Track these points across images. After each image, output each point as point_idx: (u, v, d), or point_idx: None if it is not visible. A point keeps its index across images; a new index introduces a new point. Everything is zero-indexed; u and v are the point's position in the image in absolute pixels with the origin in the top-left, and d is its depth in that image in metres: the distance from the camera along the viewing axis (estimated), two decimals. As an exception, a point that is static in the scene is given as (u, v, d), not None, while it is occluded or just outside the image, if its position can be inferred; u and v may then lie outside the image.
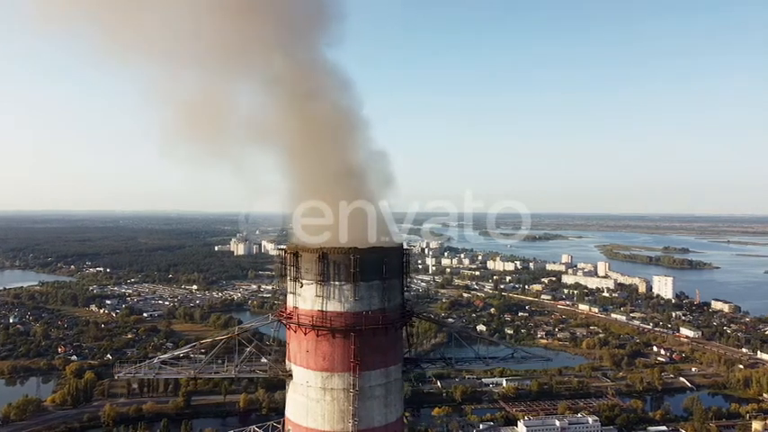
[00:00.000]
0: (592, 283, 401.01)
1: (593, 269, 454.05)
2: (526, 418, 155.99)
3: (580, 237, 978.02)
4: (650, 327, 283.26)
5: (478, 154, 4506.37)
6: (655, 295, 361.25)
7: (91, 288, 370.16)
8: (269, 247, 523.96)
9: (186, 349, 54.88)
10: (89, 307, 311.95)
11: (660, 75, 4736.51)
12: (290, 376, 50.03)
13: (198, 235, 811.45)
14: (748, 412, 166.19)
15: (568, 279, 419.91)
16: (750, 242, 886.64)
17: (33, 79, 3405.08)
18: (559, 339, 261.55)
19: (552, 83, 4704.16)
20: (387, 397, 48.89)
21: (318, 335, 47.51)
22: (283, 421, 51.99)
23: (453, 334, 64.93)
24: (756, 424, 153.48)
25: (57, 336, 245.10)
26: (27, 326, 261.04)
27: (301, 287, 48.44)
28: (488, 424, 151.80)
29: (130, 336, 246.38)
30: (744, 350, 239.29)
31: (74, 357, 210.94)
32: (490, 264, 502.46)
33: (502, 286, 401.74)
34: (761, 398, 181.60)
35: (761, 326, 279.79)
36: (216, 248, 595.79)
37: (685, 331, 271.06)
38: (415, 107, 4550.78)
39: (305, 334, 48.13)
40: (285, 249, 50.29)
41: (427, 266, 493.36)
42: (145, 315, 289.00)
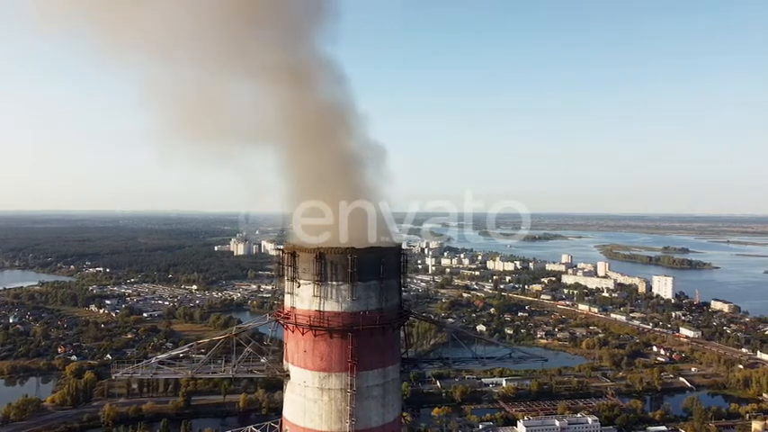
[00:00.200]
0: (591, 283, 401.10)
1: (592, 269, 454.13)
2: (526, 418, 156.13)
3: (580, 237, 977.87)
4: (650, 327, 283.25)
5: (478, 154, 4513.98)
6: (654, 295, 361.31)
7: (91, 288, 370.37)
8: (269, 247, 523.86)
9: (183, 349, 54.81)
10: (89, 307, 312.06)
11: (660, 75, 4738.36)
12: (288, 376, 49.96)
13: (198, 235, 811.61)
14: (748, 412, 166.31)
15: (568, 279, 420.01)
16: (750, 242, 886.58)
17: (33, 79, 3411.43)
18: (559, 339, 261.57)
19: (552, 83, 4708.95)
20: (384, 397, 48.84)
21: (316, 335, 47.46)
22: (281, 421, 51.99)
23: (451, 334, 64.86)
24: (756, 424, 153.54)
25: (56, 336, 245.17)
26: (27, 326, 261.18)
27: (299, 287, 48.39)
28: (488, 424, 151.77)
29: (130, 336, 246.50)
30: (743, 350, 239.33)
31: (73, 357, 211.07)
32: (490, 264, 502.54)
33: (502, 286, 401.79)
34: (760, 398, 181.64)
35: (760, 326, 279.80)
36: (216, 248, 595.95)
37: (685, 331, 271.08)
38: (415, 107, 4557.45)
39: (302, 334, 48.10)
40: (282, 249, 50.26)
41: (427, 266, 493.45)
42: (144, 315, 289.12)
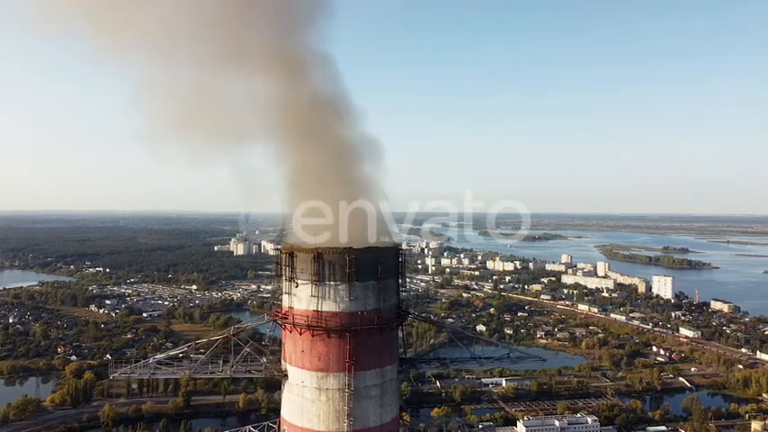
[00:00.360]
0: (591, 283, 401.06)
1: (592, 269, 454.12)
2: (525, 418, 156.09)
3: (580, 237, 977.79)
4: (650, 327, 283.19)
5: (478, 154, 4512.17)
6: (654, 295, 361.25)
7: (90, 288, 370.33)
8: (269, 247, 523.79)
9: (181, 349, 54.82)
10: (89, 307, 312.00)
11: (660, 75, 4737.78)
12: (286, 376, 49.99)
13: (197, 235, 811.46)
14: (747, 412, 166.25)
15: (568, 279, 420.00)
16: (749, 242, 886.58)
17: (33, 79, 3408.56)
18: (559, 339, 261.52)
19: (552, 83, 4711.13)
20: (382, 397, 48.85)
21: (314, 335, 47.48)
22: (279, 421, 52.00)
23: (449, 334, 64.87)
24: (755, 424, 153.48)
25: (56, 336, 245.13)
26: (26, 326, 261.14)
27: (297, 287, 48.41)
28: (487, 424, 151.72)
29: (130, 336, 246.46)
30: (743, 350, 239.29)
31: (73, 357, 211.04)
32: (490, 264, 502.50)
33: (501, 286, 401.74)
34: (760, 398, 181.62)
35: (760, 326, 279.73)
36: (215, 248, 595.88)
37: (685, 331, 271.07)
38: (416, 107, 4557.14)
39: (300, 334, 48.11)
40: (280, 249, 50.28)
41: (427, 266, 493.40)
42: (144, 315, 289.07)
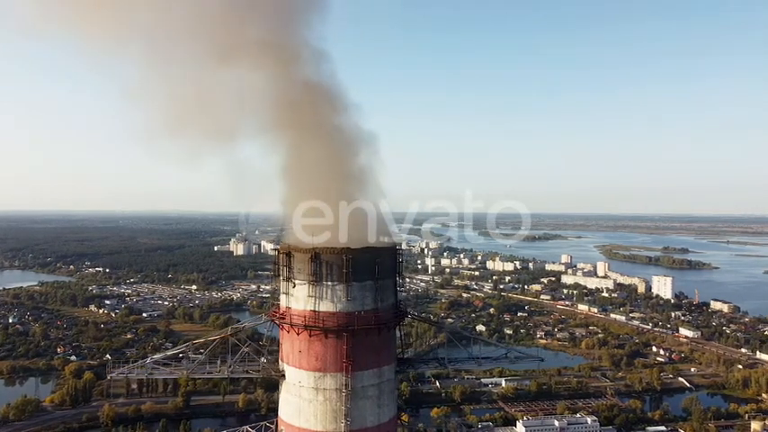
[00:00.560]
0: (591, 284, 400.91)
1: (592, 269, 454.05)
2: (525, 419, 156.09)
3: (579, 237, 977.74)
4: (649, 327, 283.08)
5: (478, 154, 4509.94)
6: (654, 295, 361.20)
7: (90, 288, 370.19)
8: (268, 248, 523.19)
9: (179, 350, 54.81)
10: (88, 307, 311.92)
11: (660, 75, 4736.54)
12: (283, 376, 50.00)
13: (197, 235, 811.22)
14: (747, 412, 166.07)
15: (568, 279, 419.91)
16: (749, 242, 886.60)
17: (33, 79, 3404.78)
18: (559, 339, 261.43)
19: (552, 83, 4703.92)
20: (380, 397, 48.87)
21: (311, 335, 47.49)
22: (276, 421, 52.00)
23: (447, 334, 64.83)
24: (755, 424, 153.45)
25: (56, 336, 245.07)
26: (26, 326, 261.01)
27: (294, 287, 48.41)
28: (486, 424, 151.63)
29: (130, 336, 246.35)
30: (743, 350, 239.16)
31: (73, 357, 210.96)
32: (490, 264, 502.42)
33: (501, 286, 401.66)
34: (760, 398, 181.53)
35: (760, 326, 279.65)
36: (215, 248, 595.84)
37: (684, 331, 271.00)
38: (416, 107, 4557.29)
39: (297, 334, 48.11)
40: (278, 249, 50.25)
41: (427, 266, 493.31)
42: (144, 315, 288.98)
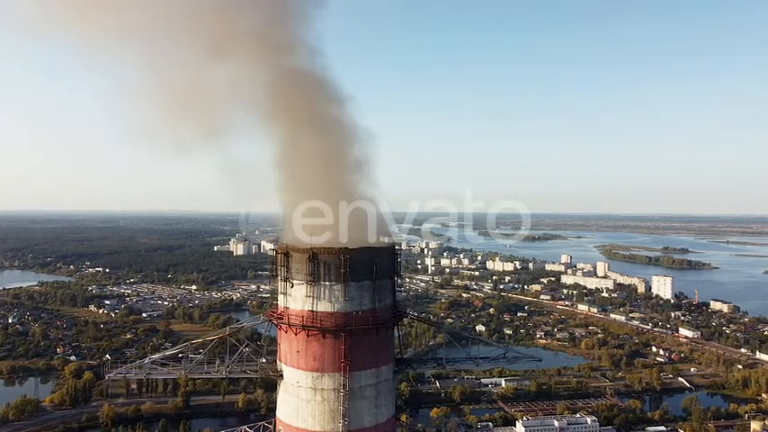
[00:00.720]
0: (591, 284, 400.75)
1: (592, 269, 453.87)
2: (525, 419, 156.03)
3: (579, 237, 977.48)
4: (649, 327, 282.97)
5: (478, 154, 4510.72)
6: (654, 295, 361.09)
7: (90, 288, 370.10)
8: (268, 248, 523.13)
9: (176, 350, 54.78)
10: (88, 307, 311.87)
11: (660, 75, 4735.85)
12: (281, 376, 49.99)
13: (197, 235, 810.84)
14: (747, 412, 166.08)
15: (567, 279, 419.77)
16: (749, 242, 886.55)
17: (33, 79, 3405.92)
18: (558, 339, 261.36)
19: (552, 83, 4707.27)
20: (377, 397, 48.85)
21: (309, 335, 47.47)
22: (274, 421, 51.99)
23: (446, 335, 64.82)
24: (755, 424, 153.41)
25: (55, 336, 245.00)
26: (26, 326, 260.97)
27: (292, 287, 48.39)
28: (485, 424, 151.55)
29: (129, 336, 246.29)
30: (742, 350, 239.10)
31: (72, 357, 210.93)
32: (489, 264, 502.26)
33: (501, 286, 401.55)
34: (759, 398, 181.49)
35: (760, 326, 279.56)
36: (215, 248, 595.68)
37: (684, 331, 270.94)
38: (415, 107, 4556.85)
39: (295, 334, 48.10)
40: (276, 249, 50.25)
41: (427, 266, 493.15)
42: (144, 315, 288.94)
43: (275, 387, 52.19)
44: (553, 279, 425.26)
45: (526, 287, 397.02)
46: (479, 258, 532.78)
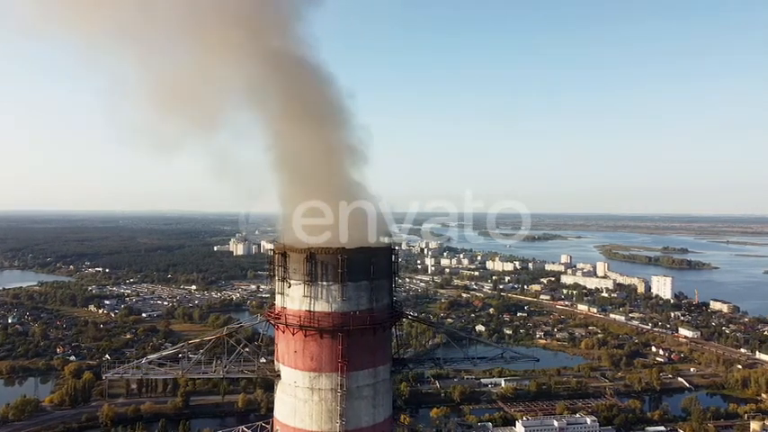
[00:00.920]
0: (591, 284, 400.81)
1: (592, 269, 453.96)
2: (524, 419, 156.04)
3: (579, 237, 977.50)
4: (649, 327, 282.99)
5: (478, 154, 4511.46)
6: (654, 295, 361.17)
7: (90, 288, 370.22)
8: (268, 248, 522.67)
9: (174, 350, 54.76)
10: (88, 307, 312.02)
11: (659, 75, 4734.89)
12: (279, 376, 49.98)
13: (197, 235, 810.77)
14: (746, 412, 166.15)
15: (567, 279, 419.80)
16: (749, 242, 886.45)
17: (33, 79, 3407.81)
18: (558, 339, 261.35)
19: (552, 83, 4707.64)
20: (375, 397, 48.83)
21: (306, 335, 47.45)
22: (272, 421, 51.99)
23: (444, 335, 64.80)
24: (754, 424, 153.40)
25: (55, 336, 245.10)
26: (26, 326, 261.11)
27: (289, 287, 48.36)
28: (482, 424, 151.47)
29: (129, 336, 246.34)
30: (742, 350, 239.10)
31: (72, 357, 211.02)
32: (489, 264, 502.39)
33: (501, 286, 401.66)
34: (759, 398, 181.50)
35: (759, 326, 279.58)
36: (215, 248, 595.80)
37: (684, 331, 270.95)
38: (415, 107, 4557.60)
39: (293, 334, 48.09)
40: (273, 249, 50.25)
41: (426, 266, 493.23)
42: (144, 315, 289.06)
43: (274, 387, 52.18)
44: (553, 279, 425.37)
45: (526, 287, 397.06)
46: (479, 258, 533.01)
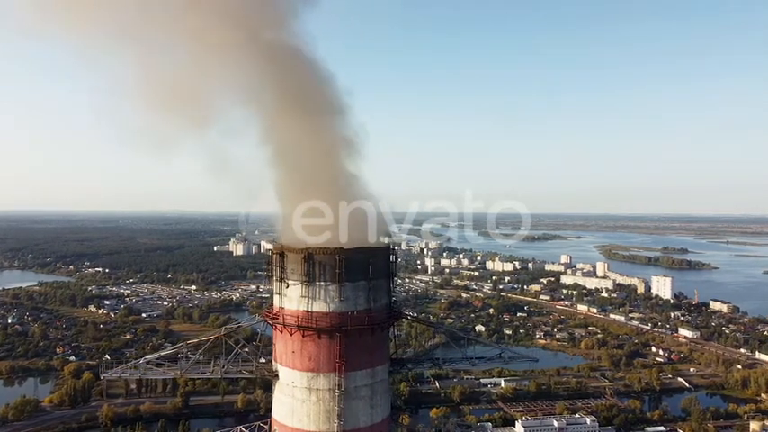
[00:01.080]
0: (590, 284, 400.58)
1: (591, 269, 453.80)
2: (524, 419, 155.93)
3: (579, 237, 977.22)
4: (649, 327, 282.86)
5: (478, 154, 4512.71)
6: (653, 295, 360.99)
7: (89, 288, 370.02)
8: (268, 248, 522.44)
9: (172, 350, 54.76)
10: (88, 307, 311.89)
11: (660, 75, 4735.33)
12: (277, 376, 49.99)
13: (197, 235, 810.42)
14: (746, 412, 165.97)
15: (567, 279, 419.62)
16: (749, 242, 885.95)
17: (33, 79, 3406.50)
18: (558, 340, 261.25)
19: (552, 83, 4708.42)
20: (373, 397, 48.85)
21: (304, 335, 47.47)
22: (270, 421, 51.99)
23: (443, 335, 64.81)
24: (754, 424, 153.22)
25: (55, 336, 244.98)
26: (25, 326, 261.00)
27: (287, 287, 48.38)
28: (484, 424, 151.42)
29: (129, 336, 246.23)
30: (742, 350, 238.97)
31: (72, 358, 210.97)
32: (489, 264, 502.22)
33: (501, 286, 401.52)
34: (759, 398, 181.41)
35: (759, 326, 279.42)
36: (215, 249, 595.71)
37: (684, 331, 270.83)
38: (415, 107, 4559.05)
39: (291, 334, 48.10)
40: (271, 250, 50.26)
41: (426, 266, 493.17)
42: (143, 315, 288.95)
43: (272, 387, 52.12)
44: (553, 279, 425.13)
45: (526, 287, 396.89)
46: (479, 258, 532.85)
